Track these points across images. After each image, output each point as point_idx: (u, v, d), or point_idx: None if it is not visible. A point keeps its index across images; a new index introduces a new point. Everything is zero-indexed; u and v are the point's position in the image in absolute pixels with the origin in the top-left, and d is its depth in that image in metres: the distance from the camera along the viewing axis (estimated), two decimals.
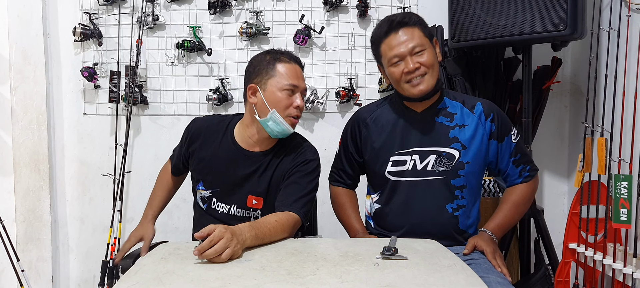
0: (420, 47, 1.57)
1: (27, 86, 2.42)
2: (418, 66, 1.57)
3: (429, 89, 1.58)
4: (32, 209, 2.45)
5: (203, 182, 1.68)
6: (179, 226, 1.88)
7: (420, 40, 1.57)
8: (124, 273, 1.50)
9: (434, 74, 1.59)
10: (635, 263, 1.71)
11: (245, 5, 2.44)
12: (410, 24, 1.58)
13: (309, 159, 1.61)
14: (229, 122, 1.69)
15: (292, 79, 1.57)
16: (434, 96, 1.65)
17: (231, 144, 1.64)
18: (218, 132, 1.67)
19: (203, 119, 1.75)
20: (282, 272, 1.16)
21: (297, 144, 1.65)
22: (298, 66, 1.62)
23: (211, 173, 1.65)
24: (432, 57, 1.59)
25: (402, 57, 1.58)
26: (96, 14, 2.44)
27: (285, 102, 1.56)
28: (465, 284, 1.09)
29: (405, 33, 1.57)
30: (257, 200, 1.61)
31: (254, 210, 1.62)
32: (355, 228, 1.76)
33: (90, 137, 2.52)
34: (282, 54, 1.61)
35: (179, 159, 1.77)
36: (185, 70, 2.48)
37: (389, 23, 1.60)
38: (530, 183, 1.68)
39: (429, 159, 1.63)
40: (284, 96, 1.56)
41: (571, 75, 2.41)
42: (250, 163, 1.62)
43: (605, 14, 1.98)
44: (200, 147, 1.68)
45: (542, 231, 2.07)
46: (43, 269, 2.47)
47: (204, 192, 1.67)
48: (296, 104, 1.57)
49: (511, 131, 1.67)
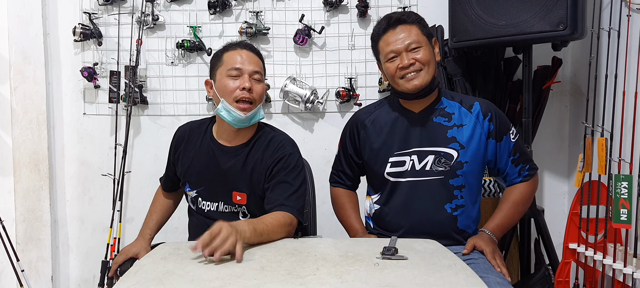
0: (416, 44, 1.58)
1: (27, 86, 2.42)
2: (413, 62, 1.58)
3: (424, 84, 1.59)
4: (32, 209, 2.45)
5: (188, 184, 1.68)
6: (178, 226, 1.88)
7: (417, 37, 1.59)
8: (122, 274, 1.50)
9: (429, 71, 1.59)
10: (636, 263, 1.71)
11: (245, 5, 2.44)
12: (409, 22, 1.60)
13: (289, 153, 1.59)
14: (208, 123, 1.70)
15: (235, 62, 1.55)
16: (432, 96, 1.66)
17: (210, 141, 1.65)
18: (199, 133, 1.68)
19: (185, 124, 1.75)
20: (282, 272, 1.16)
21: (274, 138, 1.63)
22: (246, 50, 1.59)
23: (194, 173, 1.66)
24: (428, 54, 1.59)
25: (398, 53, 1.59)
26: (96, 14, 2.44)
27: (231, 87, 1.54)
28: (465, 284, 1.09)
29: (402, 30, 1.59)
30: (240, 196, 1.60)
31: (239, 205, 1.62)
32: (355, 228, 1.76)
33: (90, 137, 2.52)
34: (231, 44, 1.61)
35: (168, 169, 1.77)
36: (185, 70, 2.48)
37: (387, 20, 1.62)
38: (530, 182, 1.68)
39: (427, 159, 1.63)
40: (229, 82, 1.55)
41: (571, 75, 2.41)
42: (228, 158, 1.61)
43: (605, 14, 1.98)
44: (184, 151, 1.69)
45: (542, 231, 2.07)
46: (43, 269, 2.47)
47: (190, 193, 1.68)
48: (243, 85, 1.53)
49: (510, 130, 1.66)
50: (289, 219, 1.49)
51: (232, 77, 1.55)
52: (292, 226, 1.50)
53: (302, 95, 2.37)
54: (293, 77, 2.41)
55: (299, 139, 1.72)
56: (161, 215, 1.81)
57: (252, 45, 1.63)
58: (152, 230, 1.77)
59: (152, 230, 1.76)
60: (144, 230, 1.76)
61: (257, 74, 1.58)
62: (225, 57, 1.58)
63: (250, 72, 1.56)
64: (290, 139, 1.66)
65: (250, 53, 1.59)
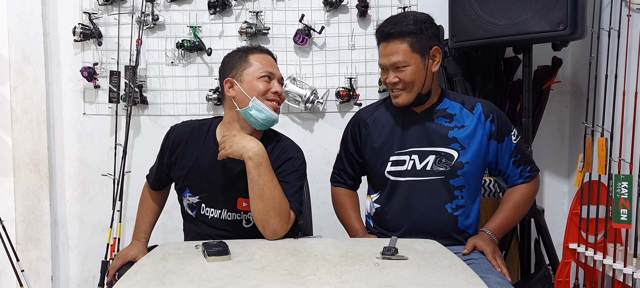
0: (402, 64, 1.59)
1: (26, 86, 2.42)
2: (397, 81, 1.61)
3: (405, 103, 1.63)
4: (32, 209, 2.45)
5: (189, 189, 1.63)
6: (178, 226, 1.87)
7: (405, 56, 1.58)
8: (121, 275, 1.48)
9: (413, 89, 1.61)
10: (636, 263, 1.71)
11: (245, 5, 2.44)
12: (399, 38, 1.58)
13: (292, 157, 1.60)
14: (209, 125, 1.66)
15: (267, 66, 1.60)
16: (432, 99, 1.67)
17: (213, 146, 1.61)
18: (200, 136, 1.64)
19: (182, 125, 1.69)
20: (282, 272, 1.16)
21: (280, 143, 1.64)
22: (270, 56, 1.65)
23: (197, 178, 1.62)
24: (414, 74, 1.59)
25: (385, 68, 1.64)
26: (96, 13, 2.44)
27: (263, 89, 1.57)
28: (465, 284, 1.09)
29: (391, 47, 1.60)
30: (247, 202, 1.55)
31: (245, 212, 1.60)
32: (355, 228, 1.76)
33: (90, 137, 2.52)
34: (253, 48, 1.65)
35: (160, 170, 1.71)
36: (185, 70, 2.48)
37: (379, 33, 1.64)
38: (531, 184, 1.68)
39: (428, 159, 1.64)
40: (261, 83, 1.57)
41: (571, 75, 2.41)
42: (235, 163, 1.57)
43: (605, 14, 1.98)
44: (182, 154, 1.64)
45: (542, 231, 2.07)
46: (43, 269, 2.47)
47: (191, 199, 1.63)
48: (274, 89, 1.58)
49: (511, 132, 1.67)
50: (289, 211, 1.49)
51: (265, 80, 1.58)
52: (290, 219, 1.49)
53: (302, 95, 2.37)
54: (293, 77, 2.41)
55: (299, 139, 1.72)
56: (152, 216, 1.78)
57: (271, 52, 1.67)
58: (147, 234, 1.75)
59: (146, 234, 1.75)
60: (139, 234, 1.74)
61: (282, 81, 1.65)
62: (253, 59, 1.60)
63: (279, 78, 1.63)
64: (294, 145, 1.66)
65: (274, 61, 1.65)
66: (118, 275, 1.61)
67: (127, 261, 1.64)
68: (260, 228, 1.46)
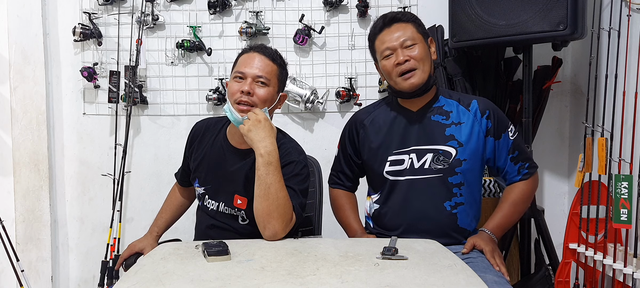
0: (411, 41, 1.59)
1: (26, 86, 2.42)
2: (408, 58, 1.59)
3: (420, 83, 1.60)
4: (32, 209, 2.45)
5: (198, 179, 1.69)
6: (178, 226, 1.88)
7: (412, 34, 1.61)
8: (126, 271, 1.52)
9: (425, 68, 1.60)
10: (636, 264, 1.71)
11: (245, 5, 2.44)
12: (404, 20, 1.63)
13: (294, 160, 1.57)
14: (224, 122, 1.71)
15: (240, 66, 1.57)
16: (429, 94, 1.66)
17: (222, 140, 1.66)
18: (214, 131, 1.70)
19: (203, 120, 1.78)
20: (282, 272, 1.16)
21: (282, 145, 1.59)
22: (258, 54, 1.58)
23: (204, 170, 1.67)
24: (423, 52, 1.60)
25: (393, 50, 1.61)
26: (96, 13, 2.44)
27: (234, 89, 1.56)
28: (465, 284, 1.09)
29: (397, 28, 1.61)
30: (241, 200, 1.59)
31: (239, 209, 1.61)
32: (353, 228, 1.76)
33: (90, 137, 2.52)
34: (248, 47, 1.64)
35: (184, 164, 1.80)
36: (185, 70, 2.48)
37: (382, 19, 1.65)
38: (530, 181, 1.68)
39: (426, 157, 1.64)
40: (234, 84, 1.57)
41: (571, 75, 2.41)
42: (236, 159, 1.61)
43: (605, 14, 1.98)
44: (197, 146, 1.71)
45: (542, 231, 2.07)
46: (43, 269, 2.47)
47: (199, 189, 1.69)
48: (242, 88, 1.54)
49: (508, 128, 1.67)
50: (292, 214, 1.49)
51: (237, 80, 1.57)
52: (291, 221, 1.49)
53: (302, 95, 2.37)
54: (293, 77, 2.41)
55: (299, 139, 1.72)
56: (171, 213, 1.85)
57: (268, 49, 1.62)
58: (160, 228, 1.81)
59: (159, 228, 1.81)
60: (152, 228, 1.81)
61: (261, 79, 1.56)
62: (239, 59, 1.61)
63: (253, 76, 1.55)
64: (298, 147, 1.64)
65: (261, 57, 1.58)
66: (125, 265, 1.70)
67: (135, 252, 1.72)
68: (260, 228, 1.46)
